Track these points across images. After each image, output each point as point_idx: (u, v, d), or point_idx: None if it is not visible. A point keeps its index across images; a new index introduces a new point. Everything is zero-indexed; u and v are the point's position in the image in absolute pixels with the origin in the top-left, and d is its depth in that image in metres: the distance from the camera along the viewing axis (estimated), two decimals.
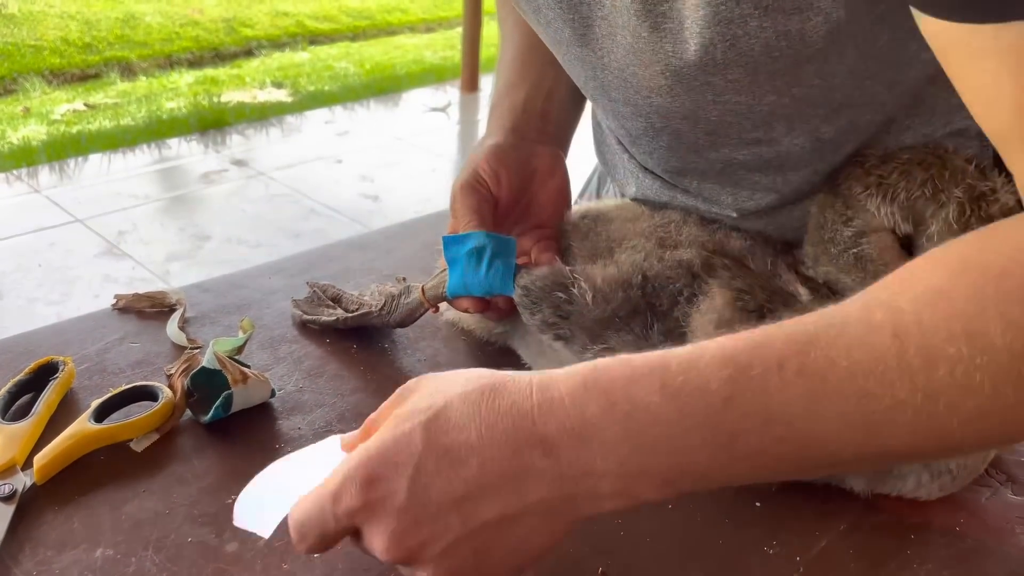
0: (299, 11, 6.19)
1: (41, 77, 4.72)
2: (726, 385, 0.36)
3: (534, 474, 0.37)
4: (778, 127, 0.53)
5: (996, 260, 0.35)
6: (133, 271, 2.59)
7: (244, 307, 0.70)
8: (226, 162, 3.54)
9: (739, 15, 0.45)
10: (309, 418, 0.58)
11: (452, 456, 0.37)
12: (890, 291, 0.37)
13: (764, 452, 0.37)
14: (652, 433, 0.36)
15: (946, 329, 0.34)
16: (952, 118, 0.55)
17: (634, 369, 0.37)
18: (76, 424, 0.53)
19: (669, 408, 0.36)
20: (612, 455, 0.36)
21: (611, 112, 0.61)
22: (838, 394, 0.35)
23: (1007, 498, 0.53)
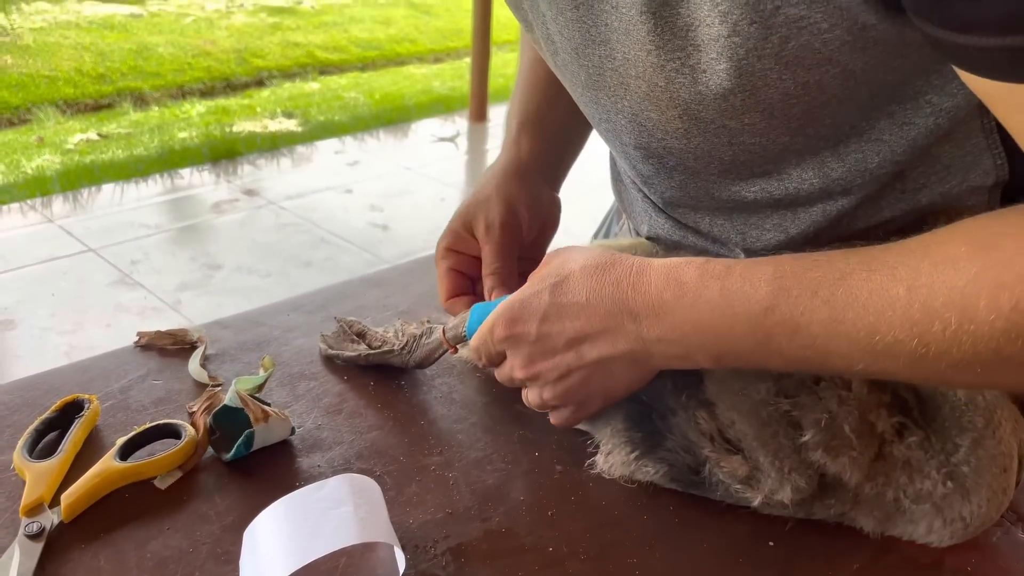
0: (309, 42, 6.27)
1: (55, 107, 4.78)
2: (768, 297, 0.46)
3: (623, 332, 0.51)
4: (789, 160, 0.54)
5: (1010, 246, 0.41)
6: (145, 300, 2.61)
7: (263, 344, 0.72)
8: (237, 192, 3.58)
9: (760, 69, 0.46)
10: (328, 456, 0.59)
11: (567, 311, 0.52)
12: (923, 251, 0.43)
13: (791, 354, 0.47)
14: (708, 319, 0.48)
15: (947, 295, 0.41)
16: (968, 175, 0.55)
17: (705, 271, 0.49)
18: (102, 462, 0.54)
19: (722, 305, 0.47)
20: (677, 329, 0.49)
21: (622, 154, 0.62)
22: (852, 324, 0.44)
23: (1018, 538, 0.54)
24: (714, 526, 0.54)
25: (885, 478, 0.51)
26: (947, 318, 0.41)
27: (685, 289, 0.49)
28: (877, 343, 0.43)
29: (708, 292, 0.48)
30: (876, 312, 0.43)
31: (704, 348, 0.49)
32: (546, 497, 0.56)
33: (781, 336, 0.46)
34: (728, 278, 0.48)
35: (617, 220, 0.87)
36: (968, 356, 0.41)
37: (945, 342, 0.42)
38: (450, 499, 0.55)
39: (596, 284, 0.51)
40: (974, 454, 0.50)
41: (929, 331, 0.42)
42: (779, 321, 0.46)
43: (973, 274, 0.41)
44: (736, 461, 0.52)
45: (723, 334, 0.48)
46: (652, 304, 0.49)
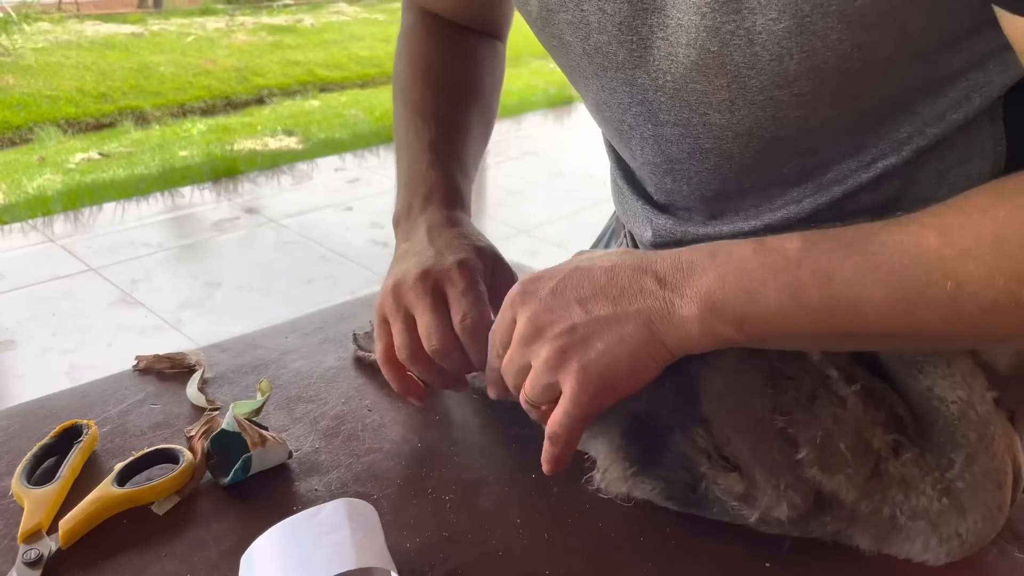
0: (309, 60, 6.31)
1: (57, 126, 4.81)
2: (801, 251, 0.46)
3: (643, 291, 0.49)
4: (827, 136, 0.55)
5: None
6: (146, 319, 2.62)
7: (261, 367, 0.72)
8: (238, 210, 3.59)
9: (822, 28, 0.47)
10: (325, 479, 0.59)
11: (589, 272, 0.51)
12: (949, 204, 0.45)
13: (822, 307, 0.46)
14: (737, 272, 0.47)
15: (978, 236, 0.43)
16: (968, 157, 0.57)
17: (736, 241, 0.49)
18: (100, 488, 0.55)
19: (754, 259, 0.47)
20: (703, 285, 0.48)
21: (651, 139, 0.62)
22: (887, 270, 0.44)
23: (1013, 557, 0.54)
24: (710, 548, 0.54)
25: (881, 495, 0.51)
26: (980, 256, 0.42)
27: (716, 249, 0.49)
28: (911, 288, 0.44)
29: (740, 248, 0.48)
30: (910, 257, 0.44)
31: (728, 307, 0.47)
32: (543, 519, 0.56)
33: (813, 287, 0.46)
34: (760, 240, 0.48)
35: (615, 238, 0.87)
36: (1002, 296, 0.42)
37: (979, 281, 0.42)
38: (447, 522, 0.55)
39: (622, 254, 0.52)
40: (968, 469, 0.50)
41: (963, 270, 0.42)
42: (812, 272, 0.46)
43: (1003, 215, 0.42)
44: (732, 478, 0.52)
45: (753, 286, 0.47)
46: (679, 264, 0.49)
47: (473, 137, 0.73)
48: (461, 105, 0.74)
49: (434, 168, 0.69)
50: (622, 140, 0.65)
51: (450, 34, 0.78)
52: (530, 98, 5.67)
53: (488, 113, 0.77)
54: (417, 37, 0.77)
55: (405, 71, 0.76)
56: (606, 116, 0.64)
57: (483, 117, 0.76)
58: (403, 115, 0.74)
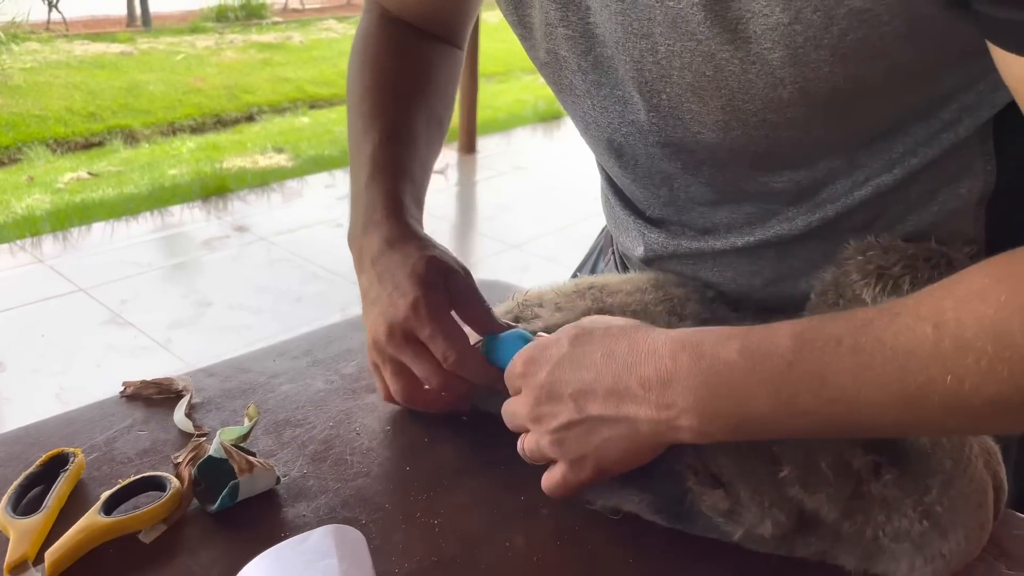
0: (299, 77, 6.32)
1: (45, 146, 4.80)
2: (792, 352, 0.45)
3: (630, 395, 0.49)
4: (820, 153, 0.56)
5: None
6: (135, 340, 2.61)
7: (249, 391, 0.72)
8: (228, 228, 3.59)
9: (815, 59, 0.48)
10: (313, 505, 0.59)
11: (580, 364, 0.52)
12: (942, 289, 0.43)
13: (818, 411, 0.45)
14: (727, 383, 0.46)
15: (978, 326, 0.41)
16: (958, 177, 0.57)
17: (721, 334, 0.48)
18: (86, 517, 0.54)
19: (743, 365, 0.46)
20: (692, 395, 0.47)
21: (643, 155, 0.62)
22: (882, 369, 0.43)
23: (1001, 573, 0.54)
24: (699, 568, 0.54)
25: (864, 516, 0.51)
26: (981, 348, 0.40)
27: (703, 351, 0.47)
28: (909, 385, 0.42)
29: (727, 352, 0.46)
30: (905, 353, 0.42)
31: (721, 416, 0.47)
32: (532, 542, 0.56)
33: (807, 392, 0.44)
34: (747, 338, 0.46)
35: (603, 256, 0.88)
36: (1006, 388, 0.40)
37: (981, 374, 0.40)
38: (436, 547, 0.55)
39: (612, 343, 0.51)
40: (946, 494, 0.50)
41: (963, 364, 0.41)
42: (804, 375, 0.44)
43: (1002, 301, 0.40)
44: (718, 495, 0.53)
45: (744, 397, 0.46)
46: (664, 371, 0.48)
47: (420, 142, 0.73)
48: (410, 111, 0.73)
49: (374, 182, 0.68)
50: (613, 157, 0.65)
51: (407, 38, 0.77)
52: (519, 113, 5.69)
53: (440, 119, 0.77)
54: (372, 38, 0.77)
55: (355, 73, 0.76)
56: (595, 135, 0.65)
57: (434, 123, 0.75)
58: (351, 122, 0.74)
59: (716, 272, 0.66)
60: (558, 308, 0.66)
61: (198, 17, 7.91)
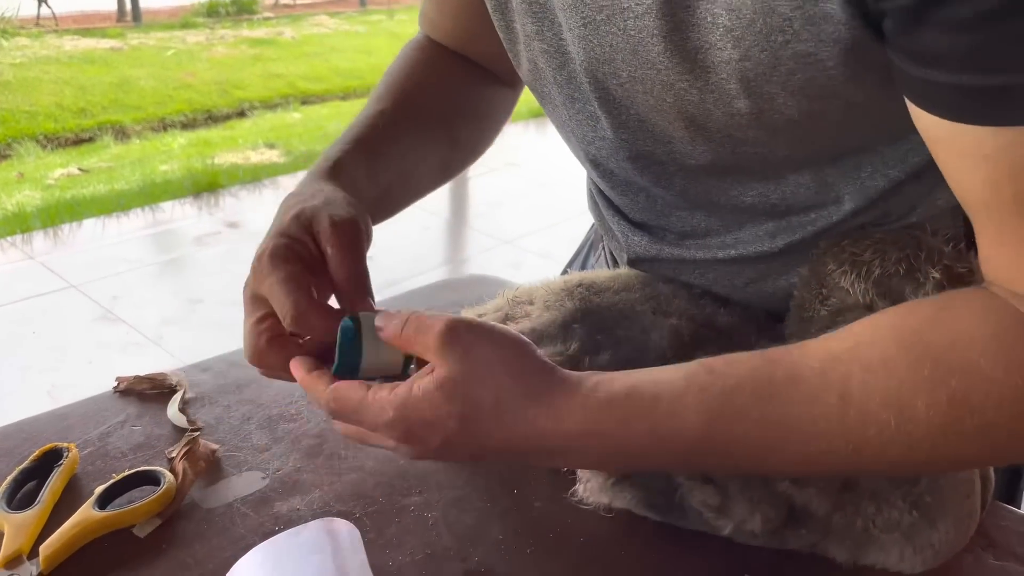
0: (290, 72, 6.30)
1: (36, 142, 4.78)
2: (700, 429, 0.45)
3: (537, 460, 0.52)
4: (788, 168, 0.56)
5: (939, 341, 0.42)
6: (127, 336, 2.60)
7: (243, 386, 0.72)
8: (219, 224, 3.58)
9: (768, 92, 0.48)
10: (307, 499, 0.59)
11: (479, 441, 0.47)
12: (850, 353, 0.44)
13: (723, 467, 0.49)
14: (637, 455, 0.47)
15: (883, 398, 0.42)
16: (937, 187, 0.57)
17: (629, 413, 0.46)
18: (80, 512, 0.55)
19: (652, 444, 0.46)
20: (602, 463, 0.51)
21: (617, 168, 0.63)
22: (786, 439, 0.44)
23: (988, 563, 0.55)
24: (690, 560, 0.54)
25: (854, 508, 0.52)
26: (884, 420, 0.41)
27: (608, 439, 0.46)
28: (811, 452, 0.44)
29: (635, 434, 0.46)
30: (809, 423, 0.43)
31: (627, 470, 0.54)
32: (525, 535, 0.56)
33: (713, 459, 0.47)
34: (654, 416, 0.45)
35: (593, 251, 0.88)
36: (902, 456, 0.43)
37: (881, 445, 0.42)
38: (429, 540, 0.55)
39: (511, 424, 0.46)
40: (935, 484, 0.51)
41: (864, 436, 0.42)
42: (712, 449, 0.46)
43: (908, 375, 0.41)
44: (708, 491, 0.53)
45: (653, 462, 0.49)
46: (572, 447, 0.47)
47: (409, 148, 0.67)
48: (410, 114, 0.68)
49: (337, 142, 0.64)
50: (591, 166, 0.66)
51: (441, 58, 0.74)
52: None
53: (457, 140, 0.73)
54: (407, 54, 0.74)
55: (382, 78, 0.73)
56: (574, 145, 0.65)
57: (441, 140, 0.70)
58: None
59: (698, 275, 0.66)
60: (547, 307, 0.67)
61: (188, 12, 7.87)
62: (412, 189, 0.69)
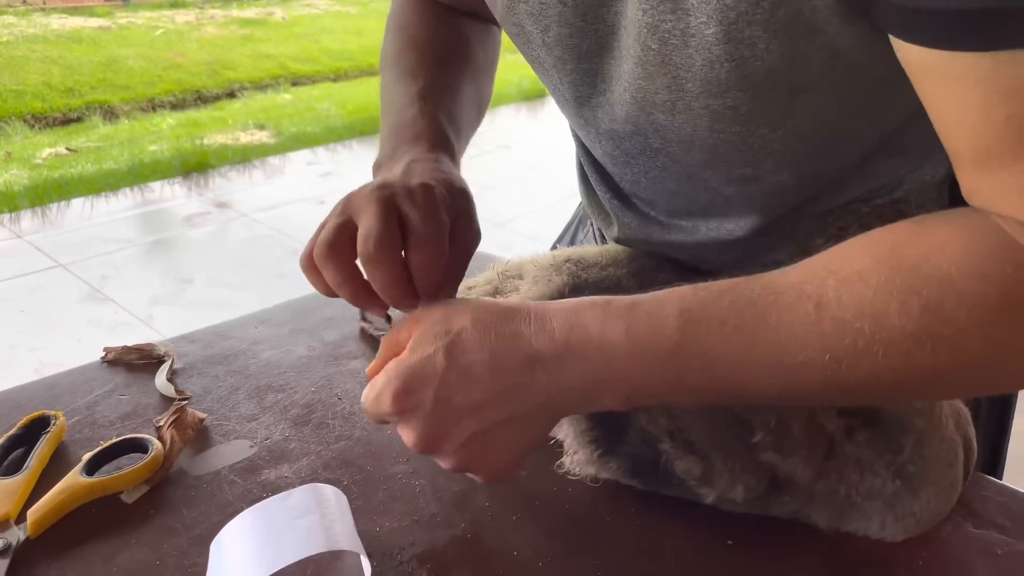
0: (281, 53, 6.26)
1: (23, 121, 4.74)
2: (677, 333, 0.45)
3: (533, 386, 0.47)
4: (767, 163, 0.56)
5: (912, 254, 0.42)
6: (116, 315, 2.60)
7: (231, 357, 0.72)
8: (209, 204, 3.56)
9: (749, 36, 0.47)
10: (295, 467, 0.59)
11: (470, 374, 0.46)
12: (826, 268, 0.44)
13: (704, 387, 0.46)
14: (617, 363, 0.46)
15: (857, 307, 0.42)
16: (923, 163, 0.58)
17: (608, 312, 0.46)
18: (68, 478, 0.55)
19: (631, 347, 0.46)
20: (588, 375, 0.46)
21: (607, 131, 0.62)
22: (763, 348, 0.44)
23: (968, 532, 0.55)
24: (675, 527, 0.55)
25: (838, 475, 0.52)
26: (859, 329, 0.42)
27: (590, 332, 0.46)
28: (789, 364, 0.44)
29: (613, 333, 0.46)
30: (787, 332, 0.43)
31: (613, 391, 0.47)
32: (511, 503, 0.57)
33: (693, 371, 0.45)
34: (632, 316, 0.46)
35: (582, 227, 0.88)
36: (880, 367, 0.42)
37: (857, 355, 0.42)
38: (416, 507, 0.56)
39: (496, 338, 0.47)
40: (918, 453, 0.51)
41: (840, 345, 0.42)
42: (690, 355, 0.45)
43: (882, 282, 0.42)
44: (691, 460, 0.54)
45: (633, 375, 0.46)
46: (559, 351, 0.46)
47: (465, 100, 0.69)
48: (452, 71, 0.71)
49: (423, 116, 0.64)
50: (582, 129, 0.66)
51: (441, 12, 0.76)
52: (504, 92, 5.67)
53: (480, 87, 0.74)
54: (407, 14, 0.75)
55: (392, 44, 0.73)
56: (565, 107, 0.65)
57: (475, 88, 0.73)
58: (390, 79, 0.70)
59: (686, 251, 0.66)
60: (536, 281, 0.67)
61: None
62: (464, 149, 0.70)
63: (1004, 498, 0.58)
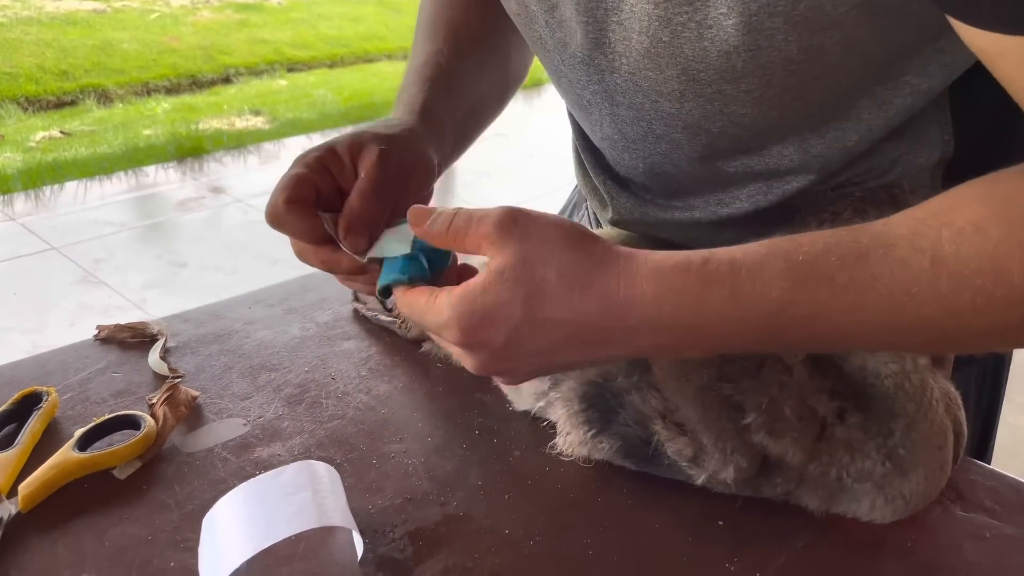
0: (277, 38, 6.22)
1: (16, 104, 4.71)
2: (785, 294, 0.42)
3: (610, 344, 0.45)
4: (772, 137, 0.56)
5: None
6: (109, 299, 2.59)
7: (224, 336, 0.72)
8: (203, 189, 3.55)
9: (769, 27, 0.47)
10: (288, 445, 0.59)
11: (548, 327, 0.45)
12: (938, 219, 0.41)
13: (801, 342, 0.44)
14: (715, 326, 0.44)
15: (977, 262, 0.39)
16: (916, 145, 0.57)
17: (708, 277, 0.43)
18: (60, 453, 0.55)
19: (733, 311, 0.43)
20: (676, 336, 0.45)
21: (608, 117, 0.62)
22: (874, 306, 0.41)
23: (956, 515, 0.56)
24: (665, 507, 0.55)
25: (828, 457, 0.53)
26: (979, 286, 0.39)
27: (687, 300, 0.43)
28: (901, 322, 0.41)
29: (715, 299, 0.43)
30: (901, 290, 0.41)
31: (700, 348, 0.46)
32: (503, 482, 0.57)
33: (796, 329, 0.43)
34: (736, 281, 0.43)
35: (577, 211, 0.88)
36: (996, 323, 0.40)
37: (975, 312, 0.40)
38: (409, 485, 0.56)
39: (580, 298, 0.44)
40: (908, 437, 0.52)
41: (958, 302, 0.40)
42: (795, 316, 0.42)
43: (1003, 235, 0.39)
44: (682, 441, 0.54)
45: (731, 336, 0.44)
46: (648, 317, 0.44)
47: (472, 76, 0.68)
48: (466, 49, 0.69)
49: (411, 85, 0.65)
50: (582, 113, 0.66)
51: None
52: None
53: (505, 71, 0.73)
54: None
55: (422, 18, 0.73)
56: (565, 89, 0.65)
57: (496, 70, 0.71)
58: (416, 41, 0.71)
59: (681, 234, 0.66)
60: None
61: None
62: (479, 123, 0.71)
63: (993, 482, 0.58)
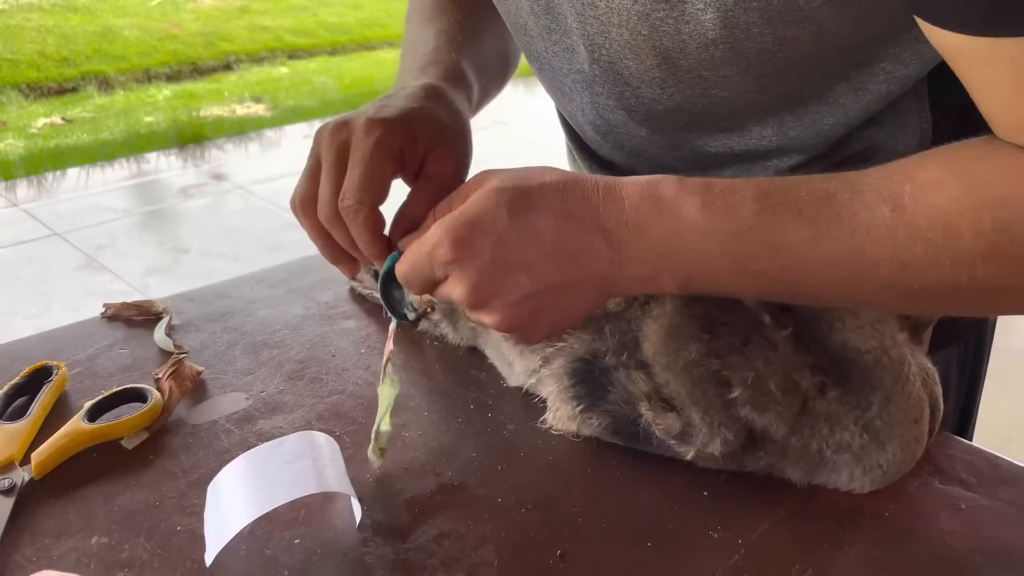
0: (278, 25, 6.23)
1: (18, 91, 4.72)
2: (753, 216, 0.44)
3: (593, 254, 0.46)
4: (751, 118, 0.57)
5: (987, 171, 0.43)
6: (111, 284, 2.61)
7: (227, 315, 0.74)
8: (205, 176, 3.57)
9: (744, 21, 0.49)
10: (290, 418, 0.61)
11: (532, 231, 0.46)
12: (904, 174, 0.44)
13: (768, 274, 0.46)
14: (686, 237, 0.45)
15: (931, 217, 0.42)
16: (896, 133, 0.59)
17: (683, 186, 0.46)
18: (70, 423, 0.57)
19: (704, 222, 0.45)
20: (652, 248, 0.46)
21: (589, 103, 0.63)
22: (835, 243, 0.44)
23: (934, 487, 0.58)
24: (652, 479, 0.57)
25: (810, 430, 0.55)
26: (930, 239, 0.42)
27: (663, 204, 0.45)
28: (857, 264, 0.44)
29: (687, 208, 0.45)
30: (862, 232, 0.43)
31: (676, 269, 0.46)
32: (497, 454, 0.59)
33: (761, 257, 0.45)
34: (708, 194, 0.45)
35: None
36: (944, 278, 0.43)
37: (926, 264, 0.42)
38: (406, 456, 0.58)
39: (562, 201, 0.46)
40: (885, 409, 0.54)
41: (911, 252, 0.42)
42: (761, 240, 0.44)
43: (956, 196, 0.42)
44: (670, 418, 0.56)
45: (701, 253, 0.45)
46: (627, 221, 0.46)
47: (488, 45, 0.70)
48: (477, 17, 0.70)
49: (434, 52, 0.65)
50: (564, 99, 0.67)
51: None
52: None
53: (506, 42, 0.74)
54: None
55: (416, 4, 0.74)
56: (548, 76, 0.66)
57: (500, 41, 0.73)
58: (411, 27, 0.71)
59: None
60: None
61: None
62: (485, 99, 0.71)
63: (971, 457, 0.60)
